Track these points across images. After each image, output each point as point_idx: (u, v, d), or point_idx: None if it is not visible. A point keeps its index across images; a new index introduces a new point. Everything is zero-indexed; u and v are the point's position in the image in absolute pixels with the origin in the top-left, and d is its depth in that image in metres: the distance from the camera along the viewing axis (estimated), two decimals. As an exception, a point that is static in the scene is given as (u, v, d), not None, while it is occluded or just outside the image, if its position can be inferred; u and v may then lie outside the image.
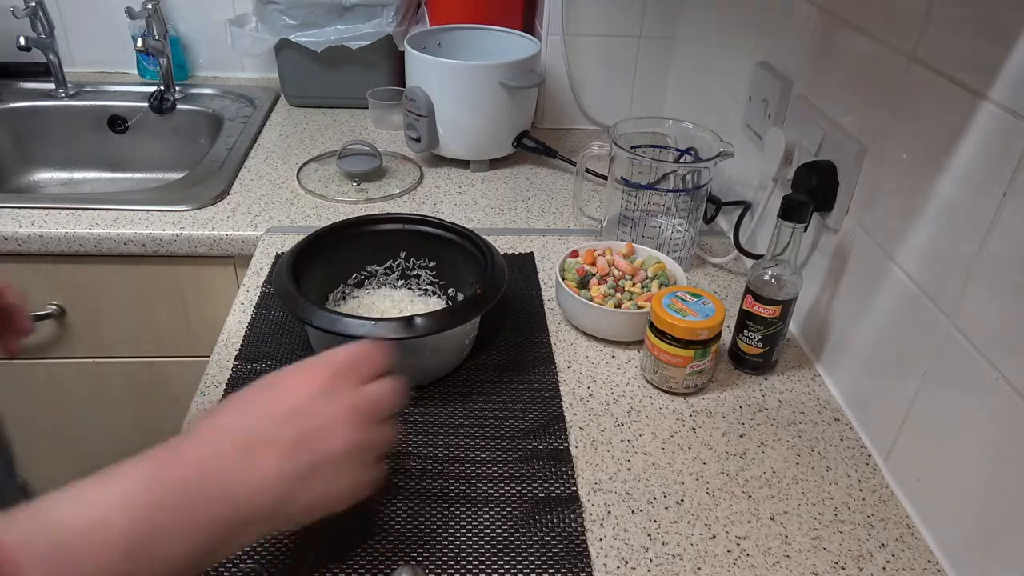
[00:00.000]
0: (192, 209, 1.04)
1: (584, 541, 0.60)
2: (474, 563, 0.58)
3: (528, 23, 1.40)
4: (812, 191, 0.76)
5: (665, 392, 0.76)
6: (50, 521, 0.35)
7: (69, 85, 1.41)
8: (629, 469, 0.68)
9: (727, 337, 0.84)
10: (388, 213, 0.88)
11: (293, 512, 0.45)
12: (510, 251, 0.98)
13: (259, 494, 0.43)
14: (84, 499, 0.37)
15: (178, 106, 1.41)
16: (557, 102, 1.37)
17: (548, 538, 0.60)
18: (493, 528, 0.61)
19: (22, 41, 1.31)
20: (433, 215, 0.86)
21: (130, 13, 1.34)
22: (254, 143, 1.27)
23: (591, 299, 0.82)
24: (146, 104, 1.38)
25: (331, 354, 0.50)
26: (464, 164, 1.22)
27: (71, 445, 1.20)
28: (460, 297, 0.83)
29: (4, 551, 0.32)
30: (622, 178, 0.94)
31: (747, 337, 0.77)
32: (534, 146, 1.20)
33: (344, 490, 0.48)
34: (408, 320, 0.67)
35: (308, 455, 0.45)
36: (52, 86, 1.40)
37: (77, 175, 1.43)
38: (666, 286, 0.84)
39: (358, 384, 0.49)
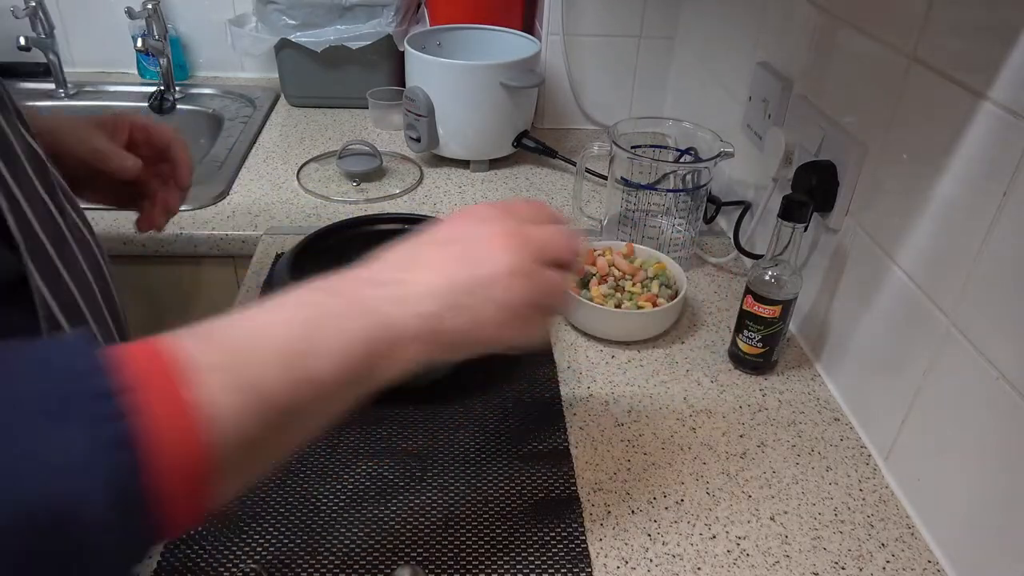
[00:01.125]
0: (192, 209, 1.04)
1: (584, 541, 0.60)
2: (474, 563, 0.58)
3: (528, 23, 1.40)
4: (812, 191, 0.76)
5: None
6: (218, 334, 0.37)
7: (69, 85, 1.41)
8: (629, 469, 0.68)
9: (727, 337, 0.84)
10: (388, 213, 0.88)
11: (447, 334, 0.43)
12: (510, 251, 0.98)
13: (410, 311, 0.42)
14: (246, 317, 0.39)
15: (178, 106, 1.41)
16: (557, 102, 1.37)
17: (548, 538, 0.60)
18: (493, 528, 0.61)
19: (22, 41, 1.31)
20: (433, 215, 0.86)
21: (130, 13, 1.34)
22: (254, 143, 1.27)
23: (591, 299, 0.82)
24: (146, 104, 1.38)
25: (508, 201, 0.50)
26: (464, 164, 1.22)
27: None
28: (460, 297, 0.83)
29: (184, 357, 0.33)
30: (622, 178, 0.94)
31: (747, 337, 0.77)
32: (534, 146, 1.20)
33: (500, 320, 0.45)
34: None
35: (463, 272, 0.44)
36: (52, 86, 1.40)
37: (77, 175, 1.43)
38: (666, 286, 0.84)
39: (528, 222, 0.48)
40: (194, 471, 0.32)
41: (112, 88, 1.44)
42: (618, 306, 0.81)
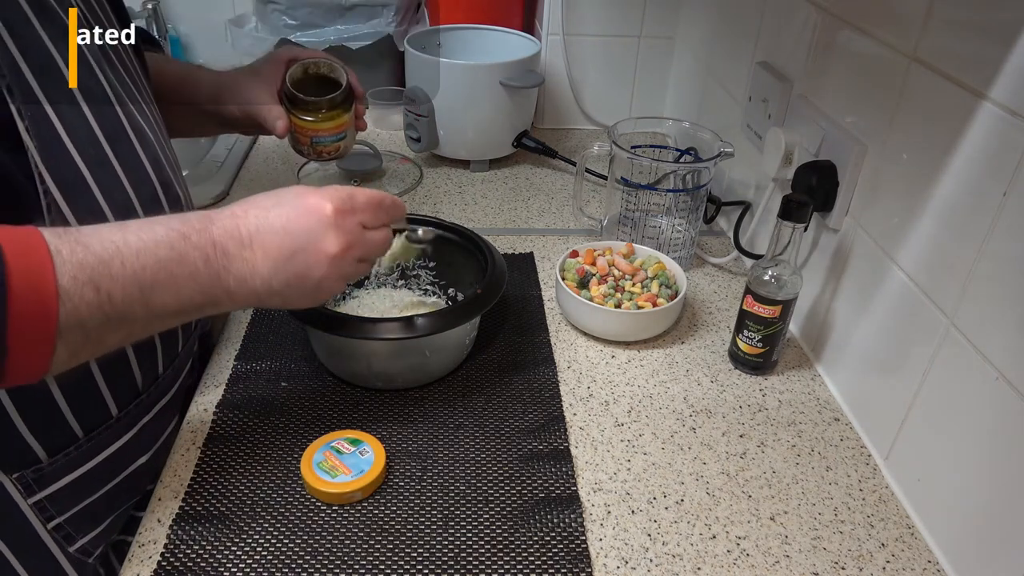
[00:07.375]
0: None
1: (584, 541, 0.60)
2: (474, 563, 0.58)
3: (528, 23, 1.40)
4: (812, 191, 0.76)
5: None
6: (83, 241, 0.45)
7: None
8: (629, 469, 0.68)
9: (727, 337, 0.84)
10: (388, 213, 0.88)
11: (270, 304, 0.56)
12: (510, 251, 0.98)
13: (246, 288, 0.53)
14: (112, 238, 0.46)
15: (178, 106, 1.40)
16: (557, 102, 1.37)
17: (548, 538, 0.60)
18: (493, 528, 0.61)
19: (22, 41, 1.31)
20: (433, 215, 0.86)
21: (130, 13, 1.34)
22: (254, 143, 1.27)
23: (591, 299, 0.82)
24: (146, 104, 1.38)
25: (354, 193, 0.58)
26: (464, 164, 1.22)
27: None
28: (460, 297, 0.83)
29: (44, 245, 0.42)
30: (622, 178, 0.94)
31: (747, 337, 0.77)
32: (534, 146, 1.20)
33: (315, 301, 0.58)
34: (408, 320, 0.67)
35: (293, 269, 0.54)
36: (52, 86, 1.40)
37: (77, 175, 1.42)
38: (666, 286, 0.84)
39: (362, 225, 0.58)
40: (40, 326, 0.42)
41: (112, 88, 1.44)
42: (618, 306, 0.81)
